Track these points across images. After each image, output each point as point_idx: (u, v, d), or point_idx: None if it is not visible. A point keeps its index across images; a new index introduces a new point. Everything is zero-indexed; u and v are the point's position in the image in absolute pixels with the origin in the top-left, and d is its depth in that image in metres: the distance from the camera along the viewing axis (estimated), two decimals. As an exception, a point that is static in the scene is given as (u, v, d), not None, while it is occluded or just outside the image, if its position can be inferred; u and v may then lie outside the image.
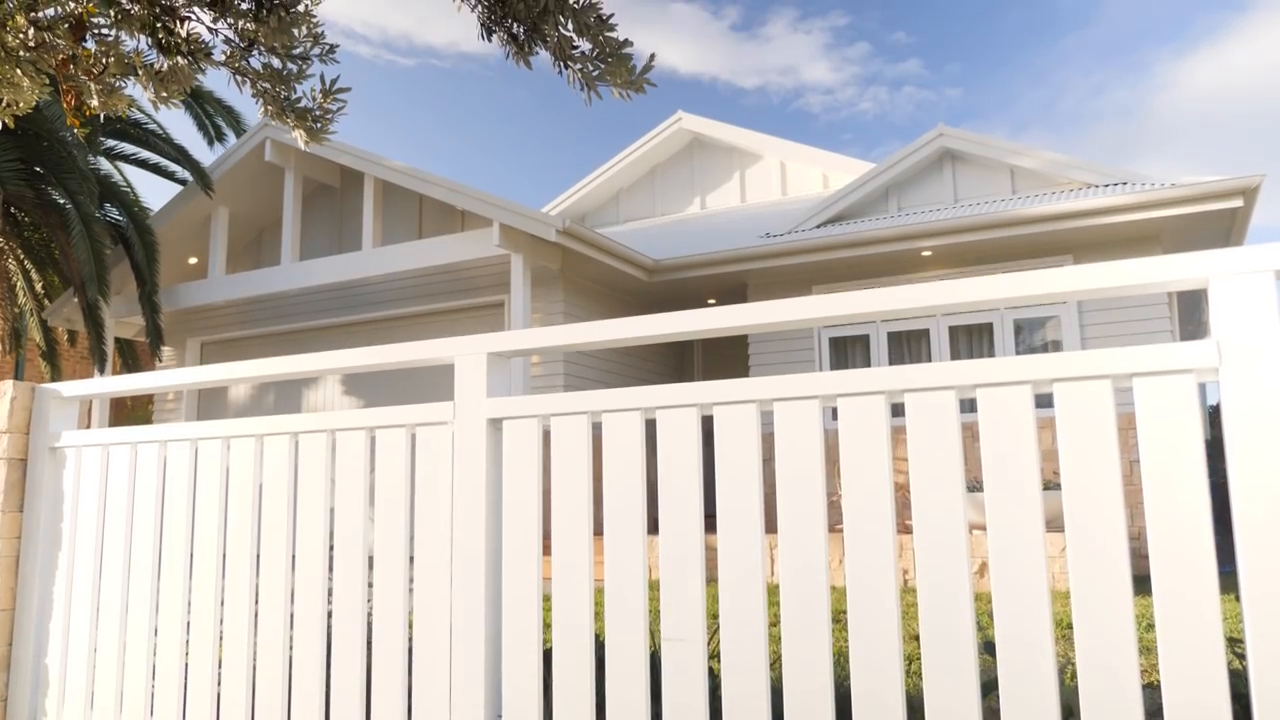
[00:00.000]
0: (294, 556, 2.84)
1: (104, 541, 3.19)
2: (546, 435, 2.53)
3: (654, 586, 3.01)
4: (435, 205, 11.48)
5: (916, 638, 4.95)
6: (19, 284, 13.94)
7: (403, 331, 11.86)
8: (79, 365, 17.59)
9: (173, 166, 13.23)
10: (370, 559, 2.73)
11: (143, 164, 13.53)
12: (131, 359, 14.38)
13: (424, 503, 2.61)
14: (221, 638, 2.96)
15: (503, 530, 2.49)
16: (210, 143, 13.14)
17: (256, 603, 2.87)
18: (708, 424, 2.31)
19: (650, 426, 2.42)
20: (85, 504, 3.25)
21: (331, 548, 2.81)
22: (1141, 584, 2.40)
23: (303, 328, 12.50)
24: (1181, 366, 1.87)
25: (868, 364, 10.60)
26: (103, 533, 3.20)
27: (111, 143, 13.23)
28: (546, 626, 2.49)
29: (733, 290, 11.59)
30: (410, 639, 2.61)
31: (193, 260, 13.46)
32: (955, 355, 10.22)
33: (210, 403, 13.23)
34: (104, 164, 13.67)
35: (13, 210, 12.77)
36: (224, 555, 2.96)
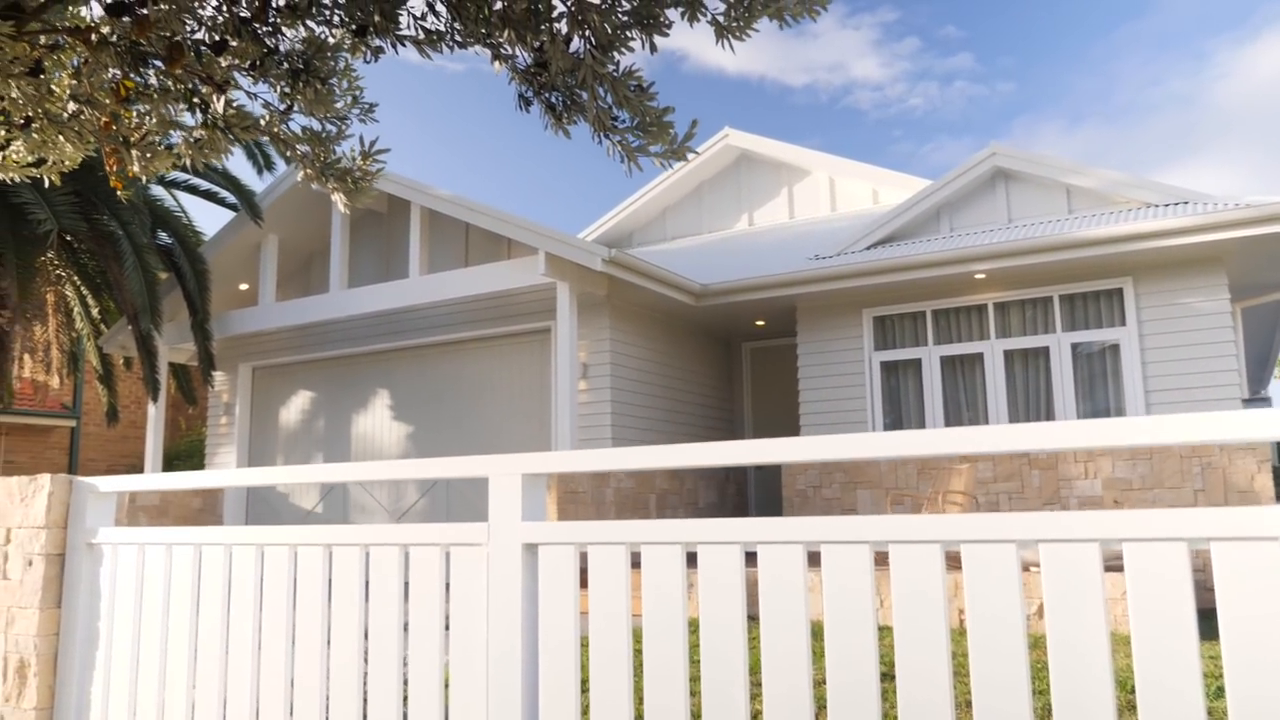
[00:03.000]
0: (328, 668, 2.78)
1: (140, 641, 3.15)
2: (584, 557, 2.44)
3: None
4: (481, 232, 11.46)
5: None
6: (76, 310, 14.21)
7: (449, 357, 11.87)
8: (135, 387, 17.92)
9: (223, 193, 13.40)
10: (405, 674, 2.65)
11: (193, 190, 13.71)
12: (185, 383, 14.59)
13: (459, 625, 2.53)
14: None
15: (539, 660, 2.39)
16: (260, 171, 13.27)
17: (291, 712, 2.82)
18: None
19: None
20: (121, 602, 3.22)
21: (366, 659, 2.75)
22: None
23: (351, 353, 12.57)
24: (1268, 534, 1.72)
25: (919, 390, 10.36)
26: (139, 632, 3.17)
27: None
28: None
29: (781, 313, 11.42)
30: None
31: (243, 286, 13.60)
32: (1010, 381, 9.95)
33: (261, 430, 13.37)
34: (155, 189, 13.87)
35: (68, 238, 13.01)
36: (259, 661, 2.90)
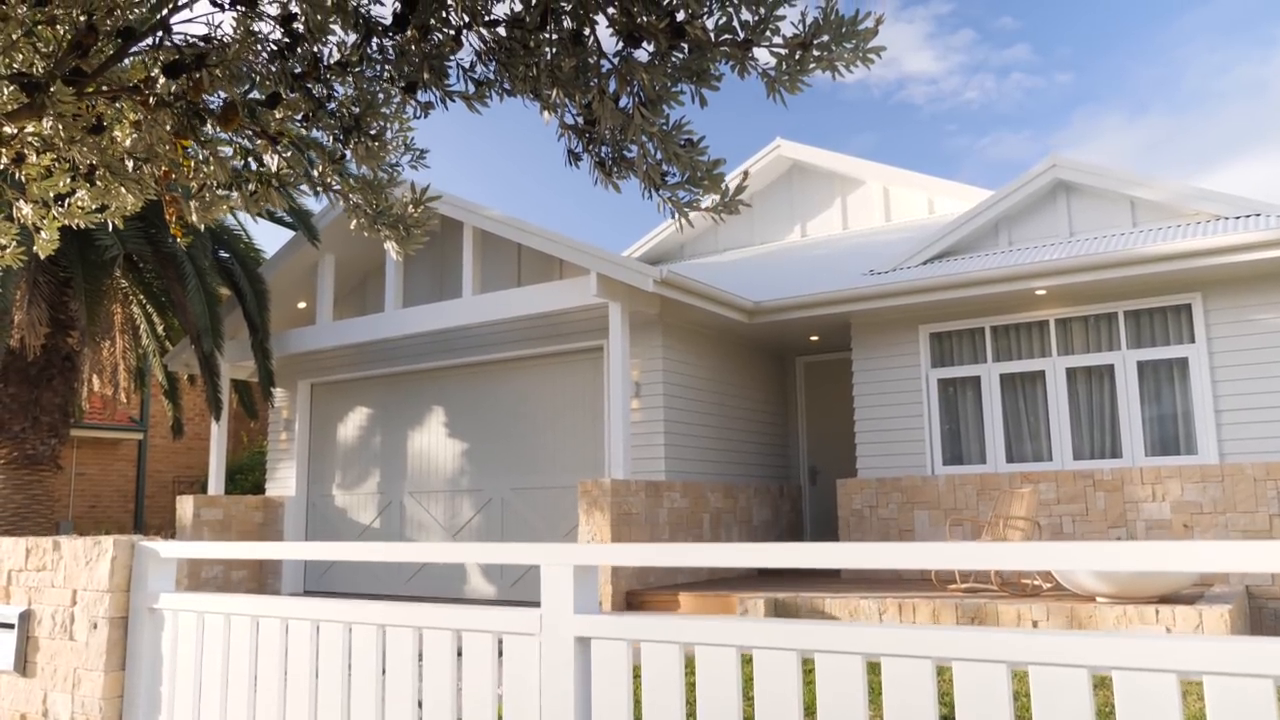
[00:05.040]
0: (384, 744, 2.78)
1: (200, 708, 3.19)
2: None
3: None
4: (533, 251, 11.50)
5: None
6: (142, 327, 14.56)
7: (502, 375, 11.93)
8: (199, 399, 18.30)
9: (281, 212, 13.64)
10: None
11: (253, 210, 13.96)
12: (247, 398, 14.86)
13: (512, 712, 2.51)
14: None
15: (593, 755, 2.36)
16: (316, 194, 13.45)
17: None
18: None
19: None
20: (182, 668, 3.26)
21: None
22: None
23: (407, 370, 12.70)
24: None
25: (978, 408, 10.16)
26: (199, 699, 3.20)
27: (224, 193, 13.67)
28: None
29: (835, 329, 11.29)
30: None
31: (301, 305, 13.82)
32: (1073, 399, 9.71)
33: (320, 446, 13.56)
34: (218, 211, 14.13)
35: (134, 258, 13.34)
36: (316, 735, 2.91)
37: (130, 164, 4.53)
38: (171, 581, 3.44)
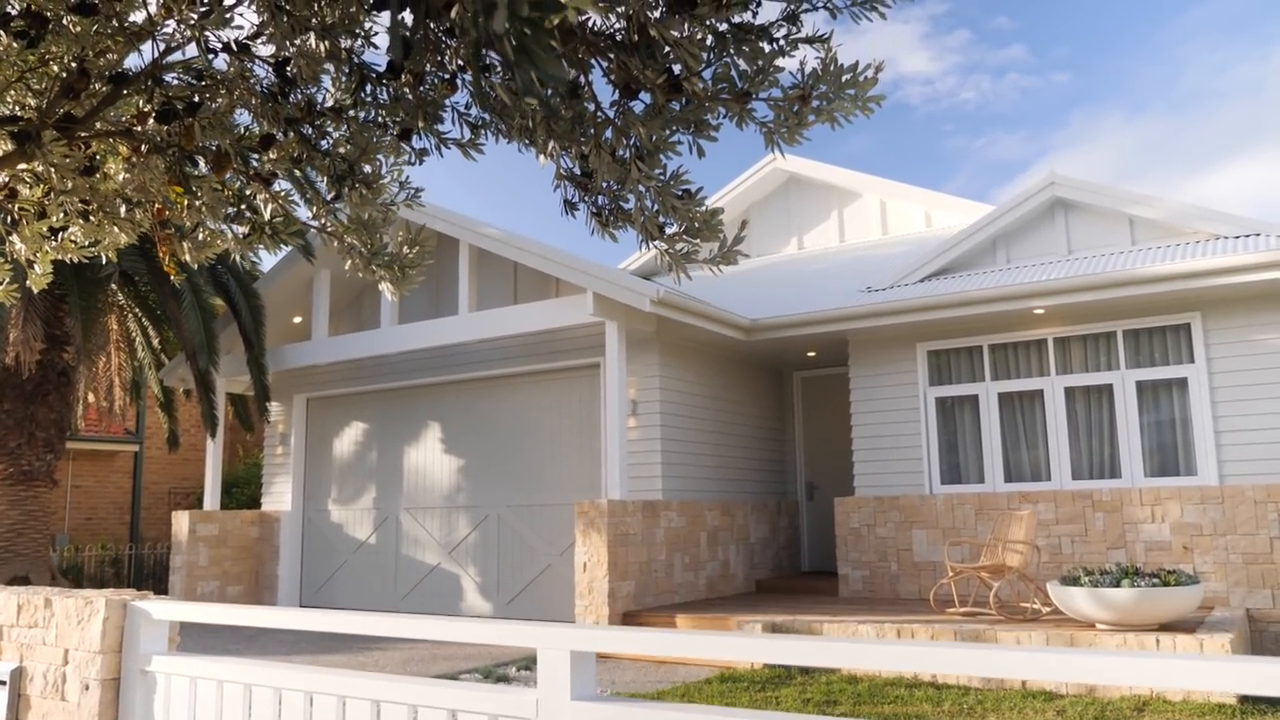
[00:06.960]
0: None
1: (194, 776, 3.15)
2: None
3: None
4: (530, 269, 11.45)
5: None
6: (138, 339, 14.51)
7: (498, 392, 11.89)
8: (196, 410, 18.24)
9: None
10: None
11: (249, 224, 13.90)
12: (243, 411, 14.81)
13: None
14: None
15: (591, 844, 2.33)
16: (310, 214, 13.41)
17: None
18: None
19: None
20: (176, 734, 3.22)
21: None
22: None
23: (402, 386, 12.65)
24: None
25: (976, 426, 10.13)
26: (193, 767, 3.16)
27: (219, 207, 13.61)
28: None
29: (833, 346, 11.26)
30: None
31: (297, 319, 13.77)
32: (1072, 418, 9.69)
33: (316, 460, 13.51)
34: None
35: (129, 274, 13.28)
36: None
37: (123, 208, 4.49)
38: (164, 642, 3.40)
